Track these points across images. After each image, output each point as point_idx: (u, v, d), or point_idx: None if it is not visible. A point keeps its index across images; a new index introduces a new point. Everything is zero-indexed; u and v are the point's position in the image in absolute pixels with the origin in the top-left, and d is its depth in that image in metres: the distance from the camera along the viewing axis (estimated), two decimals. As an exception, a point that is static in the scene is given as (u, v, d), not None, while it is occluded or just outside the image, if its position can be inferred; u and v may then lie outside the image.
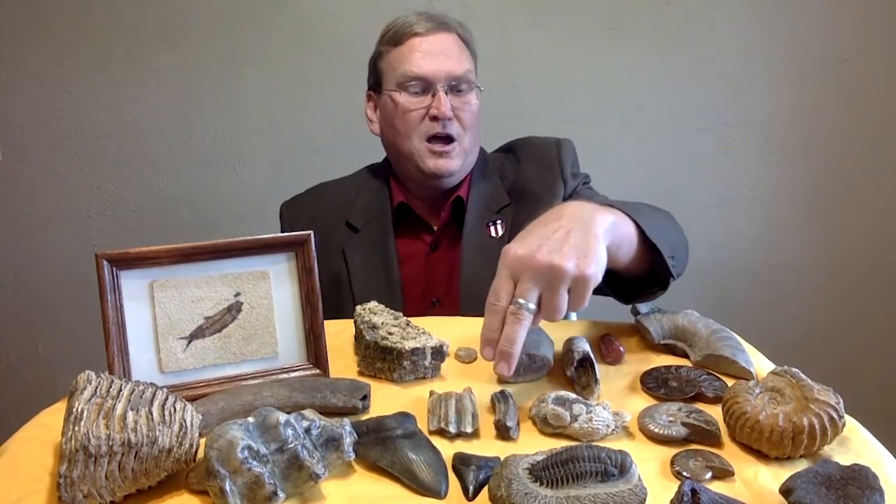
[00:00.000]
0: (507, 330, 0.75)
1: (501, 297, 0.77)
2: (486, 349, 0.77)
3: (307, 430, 0.67)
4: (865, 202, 2.03)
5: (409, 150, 1.27)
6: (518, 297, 0.76)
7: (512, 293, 0.77)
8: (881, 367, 2.11)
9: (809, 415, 0.70)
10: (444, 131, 1.25)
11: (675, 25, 1.94)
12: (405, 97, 1.26)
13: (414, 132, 1.26)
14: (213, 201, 2.03)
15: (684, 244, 1.03)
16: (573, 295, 0.76)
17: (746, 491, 0.68)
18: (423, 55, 1.25)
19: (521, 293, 0.75)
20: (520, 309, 0.75)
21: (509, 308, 0.76)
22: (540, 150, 1.36)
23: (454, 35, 1.30)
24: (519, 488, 0.63)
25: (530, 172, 1.34)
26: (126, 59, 1.95)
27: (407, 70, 1.25)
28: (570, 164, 1.33)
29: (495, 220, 1.30)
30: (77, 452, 0.62)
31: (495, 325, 0.76)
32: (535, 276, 0.75)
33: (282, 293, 0.87)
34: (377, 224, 1.32)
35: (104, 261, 0.79)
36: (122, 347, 0.80)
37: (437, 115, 1.24)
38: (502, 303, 0.76)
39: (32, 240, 2.05)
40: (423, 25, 1.27)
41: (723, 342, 0.91)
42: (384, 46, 1.31)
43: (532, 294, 0.75)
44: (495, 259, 1.23)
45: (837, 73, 1.96)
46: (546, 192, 1.30)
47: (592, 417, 0.75)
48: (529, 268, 0.76)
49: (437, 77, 1.24)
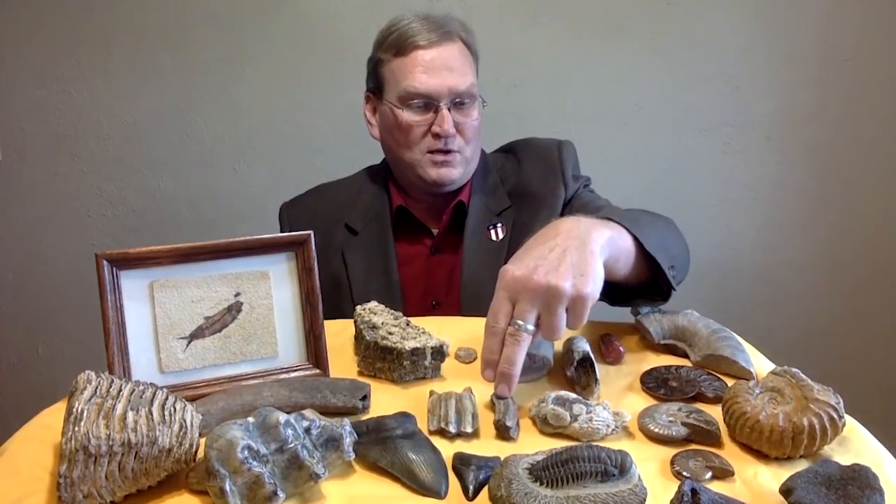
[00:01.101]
0: (507, 351, 0.76)
1: (500, 318, 0.77)
2: (487, 371, 0.78)
3: (307, 430, 0.67)
4: (865, 202, 2.03)
5: (410, 160, 1.27)
6: (517, 319, 0.76)
7: (510, 314, 0.77)
8: (881, 367, 2.11)
9: (809, 415, 0.70)
10: (446, 147, 1.25)
11: (675, 25, 1.93)
12: (407, 114, 1.25)
13: (415, 145, 1.26)
14: (213, 201, 2.03)
15: (685, 252, 1.03)
16: (571, 314, 0.77)
17: (746, 491, 0.68)
18: (425, 70, 1.23)
19: (520, 314, 0.76)
20: (518, 330, 0.76)
21: (508, 329, 0.77)
22: (541, 152, 1.35)
23: (458, 44, 1.27)
24: (519, 488, 0.63)
25: (531, 174, 1.34)
26: (126, 59, 1.95)
27: (410, 87, 1.23)
28: (571, 167, 1.33)
29: (496, 224, 1.30)
30: (77, 452, 0.62)
31: (495, 346, 0.77)
32: (532, 298, 0.76)
33: (282, 293, 0.87)
34: (376, 226, 1.32)
35: (104, 261, 0.79)
36: (122, 347, 0.80)
37: (439, 132, 1.23)
38: (501, 324, 0.77)
39: (32, 240, 2.05)
40: (425, 37, 1.24)
41: (723, 342, 0.91)
42: (385, 53, 1.28)
43: (530, 315, 0.76)
44: (496, 263, 1.22)
45: (837, 73, 1.95)
46: (548, 194, 1.30)
47: (592, 417, 0.75)
48: (528, 289, 0.76)
49: (440, 94, 1.23)
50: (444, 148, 1.25)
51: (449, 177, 1.27)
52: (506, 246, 1.27)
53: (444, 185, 1.28)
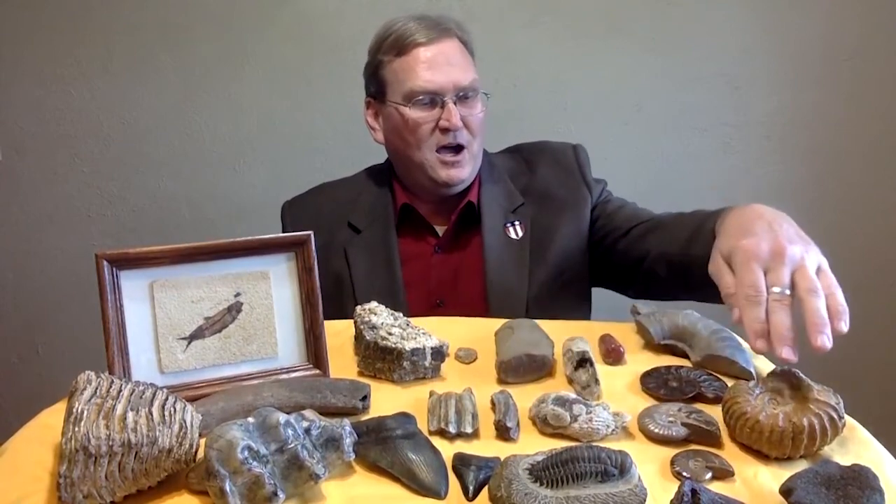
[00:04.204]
0: (779, 318, 0.77)
1: (760, 288, 0.79)
2: (759, 341, 0.78)
3: (307, 430, 0.67)
4: (865, 202, 2.03)
5: (419, 160, 1.28)
6: (775, 285, 0.79)
7: (766, 283, 0.80)
8: (881, 367, 2.11)
9: (809, 415, 0.70)
10: (455, 141, 1.26)
11: (675, 25, 1.93)
12: (414, 111, 1.25)
13: (424, 144, 1.26)
14: (213, 201, 2.03)
15: None
16: (822, 275, 0.80)
17: (746, 491, 0.68)
18: (428, 66, 1.24)
19: (777, 281, 0.79)
20: (781, 295, 0.78)
21: (771, 296, 0.78)
22: (557, 155, 1.37)
23: (455, 41, 1.29)
24: (519, 488, 0.63)
25: (548, 177, 1.35)
26: (126, 59, 1.95)
27: (415, 85, 1.24)
28: (588, 170, 1.36)
29: (513, 221, 1.31)
30: (77, 452, 0.62)
31: (762, 316, 0.78)
32: (786, 263, 0.80)
33: (282, 293, 0.87)
34: (380, 225, 1.32)
35: (104, 261, 0.79)
36: (122, 347, 0.80)
37: (447, 126, 1.24)
38: (763, 293, 0.79)
39: (32, 240, 2.05)
40: (424, 34, 1.25)
41: (723, 342, 0.91)
42: (385, 55, 1.29)
43: (787, 279, 0.79)
44: (519, 260, 1.26)
45: (837, 72, 1.95)
46: (569, 197, 1.32)
47: (592, 418, 0.75)
48: (780, 255, 0.80)
49: (445, 89, 1.24)
50: (453, 142, 1.26)
51: (459, 177, 1.28)
52: (527, 244, 1.29)
53: (454, 186, 1.29)
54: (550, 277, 1.27)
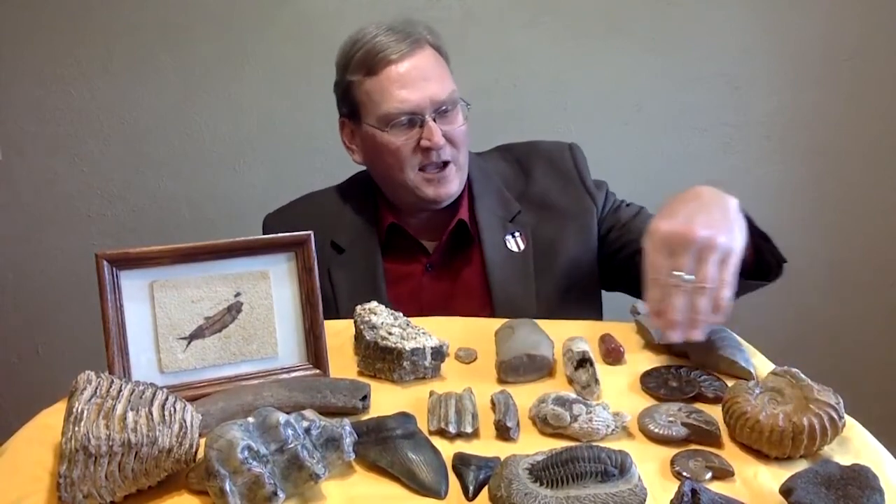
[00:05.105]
0: (673, 301, 0.80)
1: (661, 271, 0.82)
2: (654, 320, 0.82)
3: (307, 430, 0.67)
4: (865, 202, 2.02)
5: (403, 181, 1.21)
6: (676, 270, 0.80)
7: (669, 267, 0.81)
8: (881, 367, 2.11)
9: (809, 415, 0.70)
10: (439, 160, 1.19)
11: (675, 25, 1.93)
12: (393, 135, 1.18)
13: (407, 164, 1.19)
14: (213, 201, 2.03)
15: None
16: (722, 267, 0.81)
17: (746, 491, 0.68)
18: (402, 85, 1.17)
19: (679, 265, 0.81)
20: (679, 280, 0.80)
21: (670, 281, 0.80)
22: (552, 158, 1.32)
23: (429, 50, 1.21)
24: (519, 488, 0.63)
25: (546, 183, 1.29)
26: (126, 59, 1.94)
27: (391, 107, 1.17)
28: (587, 174, 1.31)
29: (512, 232, 1.26)
30: (77, 452, 0.62)
31: (659, 296, 0.81)
32: (689, 250, 0.81)
33: (282, 293, 0.87)
34: (363, 245, 1.26)
35: (104, 261, 0.79)
36: (122, 347, 0.80)
37: (429, 146, 1.17)
38: (662, 276, 0.82)
39: (32, 240, 2.05)
40: (395, 49, 1.18)
41: (723, 342, 0.91)
42: (354, 75, 1.21)
43: (688, 266, 0.80)
44: (522, 273, 1.23)
45: (837, 72, 1.95)
46: (572, 206, 1.27)
47: (592, 417, 0.75)
48: (686, 241, 0.81)
49: (422, 107, 1.17)
50: (437, 161, 1.19)
51: (447, 193, 1.22)
52: (530, 257, 1.24)
53: (443, 202, 1.23)
54: (558, 291, 1.23)
